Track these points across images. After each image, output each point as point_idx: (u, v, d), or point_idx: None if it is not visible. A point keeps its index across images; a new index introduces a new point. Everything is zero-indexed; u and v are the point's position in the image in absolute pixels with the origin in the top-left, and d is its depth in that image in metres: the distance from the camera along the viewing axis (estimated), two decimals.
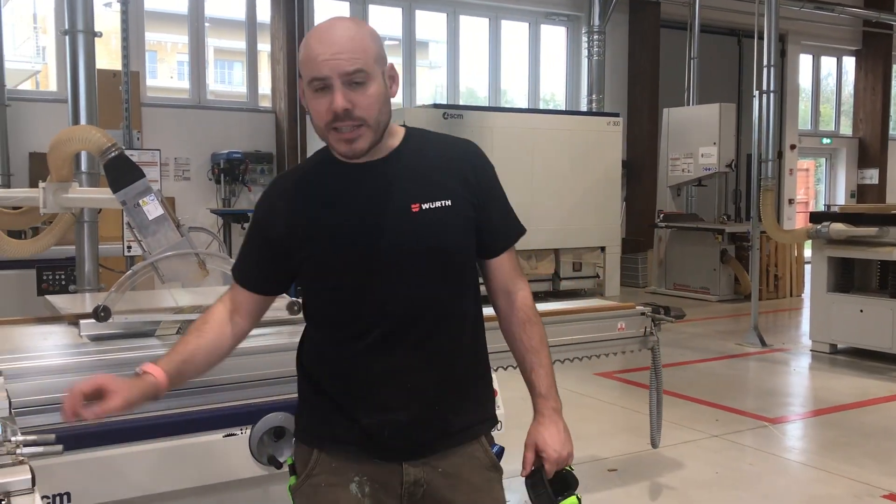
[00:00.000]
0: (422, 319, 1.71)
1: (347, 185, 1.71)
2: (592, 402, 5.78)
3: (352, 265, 1.69)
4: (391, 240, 1.67)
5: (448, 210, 1.70)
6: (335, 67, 1.59)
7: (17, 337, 2.80)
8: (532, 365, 1.81)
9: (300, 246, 1.72)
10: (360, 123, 1.62)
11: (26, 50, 10.85)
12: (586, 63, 12.18)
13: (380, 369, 1.71)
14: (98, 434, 2.32)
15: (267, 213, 1.79)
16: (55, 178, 3.00)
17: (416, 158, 1.74)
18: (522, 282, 1.86)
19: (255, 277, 1.84)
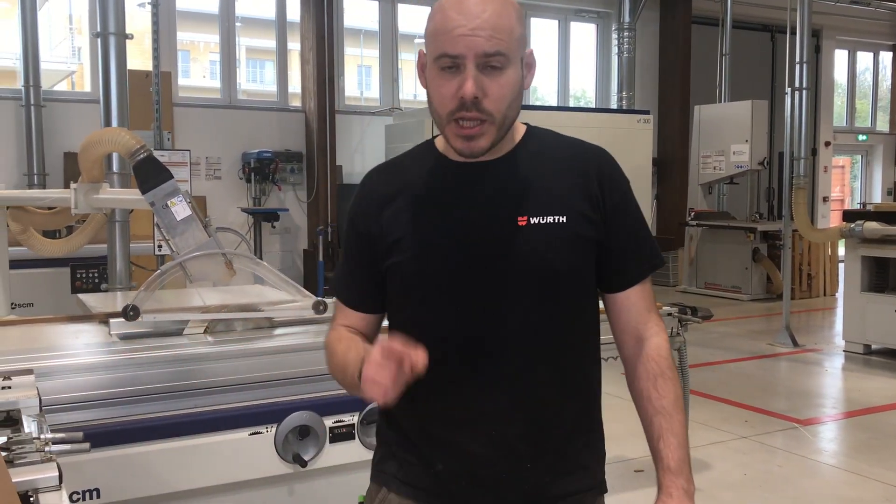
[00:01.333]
0: (517, 352, 1.44)
1: (450, 186, 1.48)
2: (620, 402, 5.71)
3: (441, 280, 1.45)
4: (489, 255, 1.43)
5: (561, 228, 1.44)
6: (472, 45, 1.34)
7: (48, 335, 2.87)
8: (662, 431, 1.48)
9: (391, 249, 1.49)
10: (485, 118, 1.38)
11: (62, 51, 11.02)
12: (616, 60, 12.10)
13: (462, 408, 1.46)
14: (127, 431, 2.36)
15: (360, 208, 1.56)
16: (86, 179, 3.06)
17: (533, 163, 1.49)
18: (657, 325, 1.54)
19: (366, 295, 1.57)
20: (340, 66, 10.98)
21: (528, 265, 1.44)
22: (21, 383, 2.11)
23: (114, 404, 2.41)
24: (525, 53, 1.43)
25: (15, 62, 9.59)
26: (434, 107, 1.42)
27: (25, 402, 1.87)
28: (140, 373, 2.46)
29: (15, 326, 3.00)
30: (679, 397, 1.53)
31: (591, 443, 1.57)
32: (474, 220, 1.45)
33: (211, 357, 2.63)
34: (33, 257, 4.94)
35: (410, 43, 12.14)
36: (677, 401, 1.52)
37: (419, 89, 12.23)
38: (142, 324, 2.70)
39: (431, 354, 1.39)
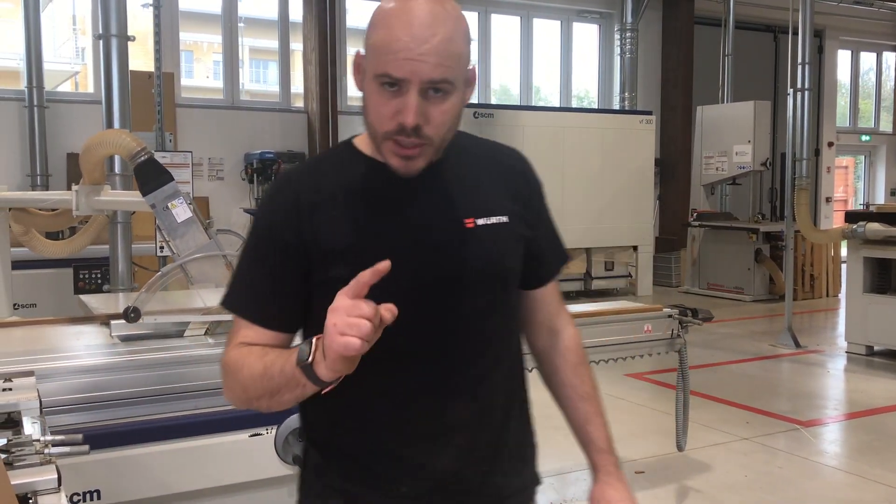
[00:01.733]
0: (479, 360, 1.43)
1: (389, 195, 1.40)
2: (622, 403, 5.75)
3: (397, 290, 1.29)
4: (444, 261, 1.38)
5: (505, 227, 1.43)
6: (418, 71, 1.26)
7: (50, 337, 2.87)
8: (588, 415, 1.55)
9: (326, 261, 1.36)
10: (425, 142, 1.32)
11: (66, 51, 11.03)
12: (619, 61, 12.10)
13: (426, 421, 1.40)
14: (127, 433, 2.38)
15: (276, 216, 1.40)
16: (88, 181, 3.07)
17: (464, 166, 1.46)
18: (568, 317, 1.60)
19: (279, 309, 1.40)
20: (343, 66, 10.99)
21: (481, 267, 1.41)
22: (22, 385, 2.12)
23: (114, 406, 2.42)
24: (469, 71, 1.36)
25: (18, 63, 9.60)
26: (370, 120, 1.35)
27: (26, 404, 1.88)
28: (141, 374, 2.47)
29: (17, 328, 3.01)
30: (596, 381, 1.60)
31: (530, 438, 1.59)
32: (423, 224, 1.39)
33: (211, 359, 2.64)
34: (36, 258, 4.96)
35: None
36: (596, 386, 1.60)
37: None
38: (143, 325, 2.71)
39: (389, 369, 1.36)
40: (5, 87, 9.47)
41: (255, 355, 1.34)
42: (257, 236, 1.43)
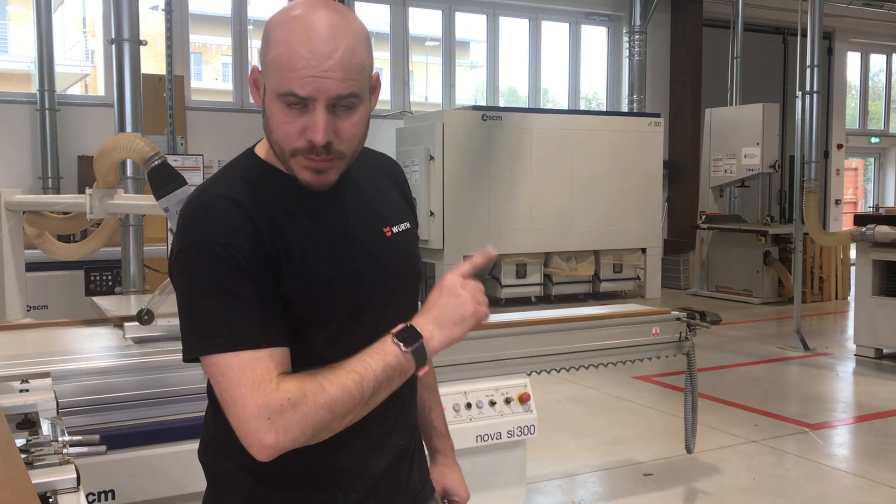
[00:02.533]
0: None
1: (314, 208, 1.36)
2: (630, 405, 5.76)
3: (342, 305, 1.35)
4: (379, 270, 1.40)
5: (409, 232, 1.49)
6: (324, 88, 1.23)
7: (64, 338, 2.91)
8: (430, 403, 1.68)
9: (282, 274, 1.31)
10: (336, 157, 1.29)
11: (76, 54, 11.10)
12: (627, 63, 12.11)
13: (370, 428, 1.38)
14: (142, 433, 2.41)
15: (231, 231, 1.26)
16: (101, 184, 3.10)
17: (366, 176, 1.46)
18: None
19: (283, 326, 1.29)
20: None
21: (407, 273, 1.47)
22: (38, 386, 2.16)
23: (129, 407, 2.45)
24: (374, 79, 1.33)
25: (29, 66, 9.68)
26: (275, 138, 1.29)
27: (43, 405, 1.92)
28: (155, 376, 2.50)
29: (31, 330, 3.05)
30: (434, 375, 1.73)
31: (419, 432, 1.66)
32: (353, 238, 1.38)
33: None
34: (48, 260, 5.00)
35: (421, 46, 12.19)
36: (435, 378, 1.74)
37: (430, 92, 12.27)
38: (156, 327, 2.73)
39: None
40: (16, 89, 9.54)
41: (328, 372, 1.25)
42: (220, 266, 1.24)
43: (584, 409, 5.63)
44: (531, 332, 3.21)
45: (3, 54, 10.22)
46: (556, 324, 3.32)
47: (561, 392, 5.88)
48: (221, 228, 1.26)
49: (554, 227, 10.11)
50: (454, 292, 1.31)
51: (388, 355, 1.27)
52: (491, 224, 9.66)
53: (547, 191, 10.01)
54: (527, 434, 3.09)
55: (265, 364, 1.23)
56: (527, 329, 3.20)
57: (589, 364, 3.41)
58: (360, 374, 1.25)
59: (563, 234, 10.21)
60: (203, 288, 1.25)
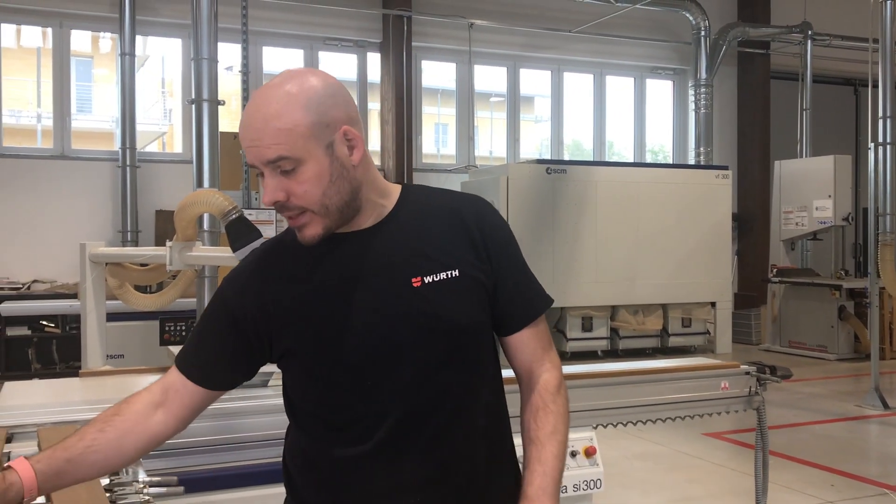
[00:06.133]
0: (433, 418, 1.43)
1: (335, 261, 1.44)
2: (700, 462, 5.63)
3: (346, 356, 1.41)
4: (391, 322, 1.41)
5: (455, 282, 1.44)
6: (258, 156, 1.35)
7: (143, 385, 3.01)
8: (530, 459, 1.50)
9: (280, 334, 1.44)
10: (298, 212, 1.38)
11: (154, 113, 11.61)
12: (693, 116, 12.08)
13: (382, 482, 1.43)
14: (217, 478, 2.47)
15: (239, 292, 1.47)
16: (181, 237, 3.24)
17: (413, 222, 1.48)
18: (550, 363, 1.57)
19: (207, 367, 1.48)
20: (418, 124, 11.27)
21: (429, 326, 1.42)
22: None
23: (204, 452, 2.53)
24: (337, 136, 1.37)
25: (111, 125, 10.17)
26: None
27: None
28: (228, 422, 2.58)
29: (113, 377, 3.17)
30: (556, 429, 1.51)
31: (509, 482, 1.56)
32: (367, 288, 1.42)
33: None
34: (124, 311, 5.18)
35: (486, 101, 12.37)
36: (553, 432, 1.51)
37: (494, 146, 12.43)
38: None
39: (346, 433, 1.43)
40: (98, 147, 10.03)
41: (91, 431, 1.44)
42: (217, 303, 1.51)
43: (653, 466, 5.51)
44: (597, 385, 3.19)
45: (86, 114, 10.74)
46: (622, 376, 3.30)
47: (629, 448, 5.78)
48: (231, 280, 1.52)
49: (621, 279, 10.04)
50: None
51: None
52: (557, 276, 9.64)
53: (613, 243, 9.97)
54: (593, 488, 3.06)
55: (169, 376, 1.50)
56: (593, 381, 3.19)
57: (657, 418, 3.36)
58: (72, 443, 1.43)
59: (630, 287, 10.11)
60: (204, 312, 1.54)
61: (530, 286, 1.57)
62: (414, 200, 1.51)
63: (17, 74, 9.94)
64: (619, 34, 11.95)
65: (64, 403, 2.76)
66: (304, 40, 10.77)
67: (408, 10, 10.77)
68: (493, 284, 1.49)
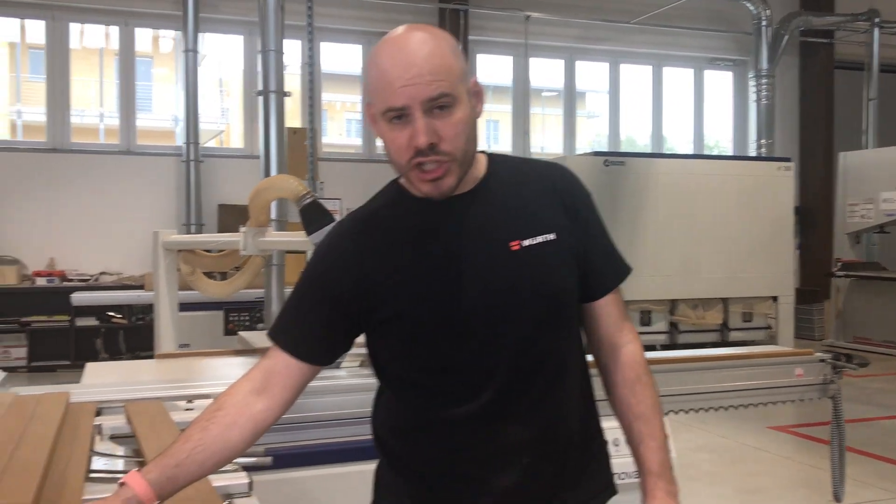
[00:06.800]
0: (536, 380, 1.44)
1: (433, 227, 1.44)
2: (766, 455, 5.53)
3: (446, 322, 1.41)
4: (491, 286, 1.41)
5: (552, 245, 1.44)
6: (415, 95, 1.31)
7: (219, 366, 3.09)
8: (642, 435, 1.50)
9: (378, 304, 1.43)
10: (445, 159, 1.36)
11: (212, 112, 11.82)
12: (754, 107, 11.85)
13: (487, 445, 1.44)
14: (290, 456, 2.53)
15: (332, 264, 1.47)
16: (254, 223, 3.30)
17: (507, 188, 1.48)
18: (631, 332, 1.57)
19: (308, 343, 1.47)
20: None
21: (531, 289, 1.42)
22: (201, 406, 2.31)
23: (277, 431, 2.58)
24: (470, 84, 1.39)
25: (170, 123, 10.41)
26: (392, 158, 1.40)
27: None
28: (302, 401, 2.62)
29: (190, 359, 3.25)
30: (656, 401, 1.53)
31: (597, 450, 1.59)
32: (465, 253, 1.42)
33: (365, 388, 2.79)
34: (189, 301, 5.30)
35: (538, 98, 12.32)
36: (655, 405, 1.52)
37: (549, 142, 12.36)
38: None
39: (447, 400, 1.44)
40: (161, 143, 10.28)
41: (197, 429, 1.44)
42: (310, 277, 1.49)
43: (718, 458, 5.44)
44: (664, 371, 3.16)
45: (146, 113, 10.99)
46: (693, 362, 3.27)
47: (693, 440, 5.71)
48: (324, 255, 1.50)
49: (680, 273, 9.90)
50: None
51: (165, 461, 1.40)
52: None
53: (672, 236, 9.83)
54: None
55: (270, 356, 1.49)
56: (660, 367, 3.16)
57: (729, 405, 3.32)
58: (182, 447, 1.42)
59: (690, 281, 9.97)
60: (294, 290, 1.52)
61: (615, 251, 1.59)
62: (502, 167, 1.51)
63: (80, 74, 10.22)
64: (677, 25, 11.78)
65: (145, 381, 2.84)
66: (362, 35, 10.86)
67: (464, 5, 10.78)
68: (584, 249, 1.50)
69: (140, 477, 1.34)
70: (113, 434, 2.07)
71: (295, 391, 1.48)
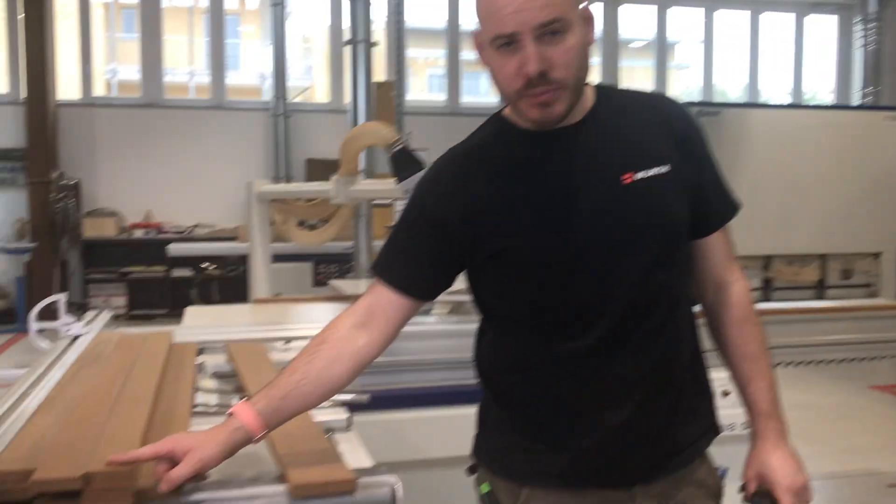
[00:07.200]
0: (649, 316, 1.41)
1: (541, 158, 1.39)
2: (867, 414, 5.34)
3: (556, 257, 1.37)
4: (603, 220, 1.37)
5: (665, 177, 1.39)
6: (525, 20, 1.25)
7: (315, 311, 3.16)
8: (750, 375, 1.47)
9: (486, 236, 1.39)
10: (557, 87, 1.30)
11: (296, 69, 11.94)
12: (859, 54, 11.24)
13: (598, 382, 1.41)
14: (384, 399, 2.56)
15: (437, 196, 1.44)
16: (345, 171, 3.32)
17: (617, 118, 1.42)
18: (739, 271, 1.53)
19: (412, 277, 1.44)
20: None
21: (644, 223, 1.37)
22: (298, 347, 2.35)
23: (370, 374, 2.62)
24: (581, 9, 1.32)
25: (257, 80, 10.57)
26: (500, 86, 1.35)
27: None
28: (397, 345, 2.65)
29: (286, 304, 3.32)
30: (763, 341, 1.49)
31: (706, 385, 1.54)
32: (575, 186, 1.37)
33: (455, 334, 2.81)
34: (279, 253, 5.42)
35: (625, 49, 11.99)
36: (762, 344, 1.49)
37: None
38: None
39: (556, 335, 1.40)
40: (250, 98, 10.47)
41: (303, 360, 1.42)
42: (414, 209, 1.46)
43: (816, 416, 5.27)
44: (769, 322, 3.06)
45: (234, 70, 11.17)
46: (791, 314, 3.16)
47: (791, 398, 5.51)
48: (429, 186, 1.46)
49: (775, 227, 9.56)
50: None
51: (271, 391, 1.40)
52: None
53: (768, 189, 9.48)
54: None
55: (372, 291, 1.46)
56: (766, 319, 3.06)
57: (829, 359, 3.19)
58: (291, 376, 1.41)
59: (785, 236, 9.63)
60: (398, 224, 1.49)
61: (726, 187, 1.52)
62: (611, 97, 1.45)
63: (170, 33, 10.45)
64: None
65: (243, 323, 2.92)
66: None
67: None
68: (697, 182, 1.44)
69: (249, 407, 1.34)
70: (215, 372, 2.12)
71: (396, 326, 1.46)
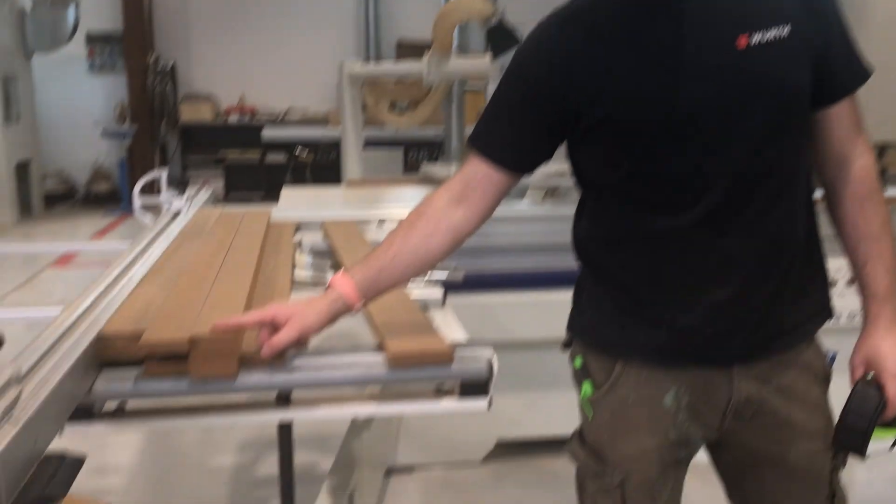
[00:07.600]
0: (760, 190, 1.33)
1: (647, 19, 1.30)
2: None
3: (664, 125, 1.29)
4: (716, 85, 1.28)
5: (787, 39, 1.27)
6: None
7: (405, 193, 3.16)
8: (867, 256, 1.38)
9: (589, 102, 1.31)
10: None
11: None
12: None
13: (704, 257, 1.35)
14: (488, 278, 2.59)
15: (536, 61, 1.36)
16: (438, 48, 3.24)
17: None
18: (865, 145, 1.39)
19: (509, 148, 1.39)
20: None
21: (761, 89, 1.27)
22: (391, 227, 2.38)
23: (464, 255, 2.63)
24: None
25: None
26: None
27: None
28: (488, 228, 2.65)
29: (378, 186, 3.34)
30: (886, 220, 1.37)
31: (821, 266, 1.44)
32: (688, 50, 1.27)
33: (548, 218, 2.78)
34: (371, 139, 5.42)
35: None
36: (884, 225, 1.37)
37: None
38: None
39: (662, 208, 1.33)
40: None
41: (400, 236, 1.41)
42: (513, 76, 1.38)
43: None
44: None
45: None
46: None
47: None
48: (530, 50, 1.37)
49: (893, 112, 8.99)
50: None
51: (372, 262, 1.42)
52: None
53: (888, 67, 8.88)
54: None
55: (469, 165, 1.40)
56: None
57: None
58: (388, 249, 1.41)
59: None
60: (496, 93, 1.41)
61: (855, 51, 1.36)
62: None
63: None
64: None
65: (338, 204, 2.95)
66: None
67: None
68: (822, 44, 1.30)
69: (347, 278, 1.36)
70: (312, 248, 2.16)
71: (493, 201, 1.41)
